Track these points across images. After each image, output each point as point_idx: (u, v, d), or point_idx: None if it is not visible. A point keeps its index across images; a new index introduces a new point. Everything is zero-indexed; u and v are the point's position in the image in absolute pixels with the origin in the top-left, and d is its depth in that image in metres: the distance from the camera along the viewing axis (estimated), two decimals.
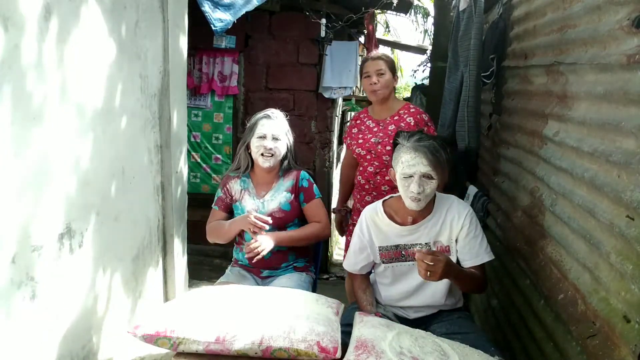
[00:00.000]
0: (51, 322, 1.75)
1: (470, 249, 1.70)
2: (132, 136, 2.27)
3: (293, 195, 2.09)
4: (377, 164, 2.41)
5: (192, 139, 4.66)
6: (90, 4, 1.87)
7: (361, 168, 2.48)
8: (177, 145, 2.66)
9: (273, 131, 2.03)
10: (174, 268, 2.72)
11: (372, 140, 2.40)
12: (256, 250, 1.90)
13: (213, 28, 2.99)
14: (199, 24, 3.17)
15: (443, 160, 1.63)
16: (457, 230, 1.72)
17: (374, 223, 1.79)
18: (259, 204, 2.08)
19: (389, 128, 2.40)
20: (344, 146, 2.70)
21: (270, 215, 2.04)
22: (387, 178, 2.40)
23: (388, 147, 2.34)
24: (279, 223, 2.06)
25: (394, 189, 2.41)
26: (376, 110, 2.49)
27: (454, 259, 1.73)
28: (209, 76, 4.60)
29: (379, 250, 1.79)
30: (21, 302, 1.57)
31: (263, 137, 2.02)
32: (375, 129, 2.44)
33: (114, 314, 2.20)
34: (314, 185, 2.16)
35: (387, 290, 1.84)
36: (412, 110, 2.43)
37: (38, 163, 1.61)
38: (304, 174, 2.14)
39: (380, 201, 1.83)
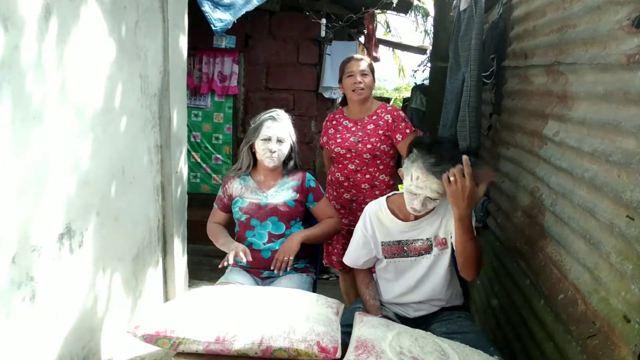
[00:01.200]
0: (51, 322, 1.75)
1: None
2: (132, 136, 2.27)
3: (299, 195, 2.11)
4: (358, 162, 2.44)
5: (192, 139, 4.66)
6: (90, 4, 1.87)
7: (340, 165, 2.51)
8: (177, 145, 2.66)
9: (278, 133, 2.05)
10: (174, 268, 2.72)
11: (352, 139, 2.44)
12: (284, 261, 1.98)
13: (213, 28, 2.99)
14: (199, 24, 3.17)
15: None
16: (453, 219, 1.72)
17: (377, 218, 1.81)
18: (261, 197, 2.09)
19: (368, 127, 2.44)
20: None
21: (272, 208, 2.06)
22: (367, 176, 2.43)
23: (369, 146, 2.40)
24: (284, 217, 2.09)
25: (373, 187, 2.44)
26: (353, 110, 2.52)
27: (449, 252, 1.77)
28: (209, 76, 4.60)
29: (382, 245, 1.81)
30: (21, 302, 1.57)
31: (268, 139, 2.04)
32: (354, 129, 2.47)
33: (114, 314, 2.20)
34: (319, 185, 2.21)
35: (389, 286, 1.85)
36: (388, 108, 2.50)
37: (38, 163, 1.61)
38: (309, 175, 2.18)
39: (384, 197, 1.85)
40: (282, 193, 2.10)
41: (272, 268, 2.01)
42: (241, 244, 2.04)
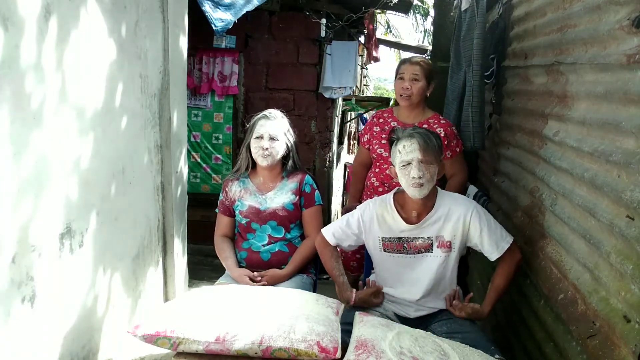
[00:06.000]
0: (51, 322, 1.75)
1: (490, 242, 1.71)
2: (132, 136, 2.27)
3: (297, 197, 2.09)
4: None
5: (192, 139, 4.66)
6: (90, 4, 1.87)
7: (377, 170, 2.41)
8: (177, 145, 2.66)
9: (270, 131, 2.02)
10: (174, 268, 2.72)
11: None
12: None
13: (214, 28, 3.00)
14: (199, 24, 3.17)
15: (437, 146, 1.70)
16: (465, 229, 1.73)
17: (382, 216, 1.81)
18: (261, 200, 2.08)
19: None
20: (344, 146, 2.67)
21: (271, 212, 2.05)
22: None
23: None
24: (283, 222, 2.07)
25: None
26: (403, 113, 2.40)
27: (454, 255, 1.77)
28: (209, 76, 4.61)
29: (382, 240, 1.81)
30: (21, 302, 1.57)
31: (260, 137, 2.02)
32: None
33: (114, 314, 2.20)
34: (316, 191, 2.15)
35: (389, 282, 1.85)
36: (442, 121, 2.36)
37: (38, 163, 1.61)
38: (308, 178, 2.13)
39: (391, 194, 1.84)
40: (281, 196, 2.08)
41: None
42: (243, 272, 2.02)
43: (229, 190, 2.14)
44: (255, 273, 2.01)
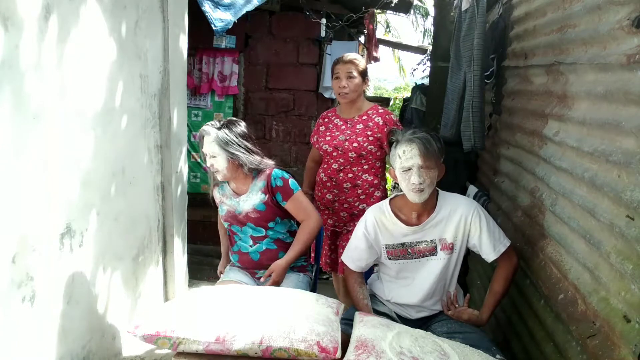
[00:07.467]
0: (51, 321, 1.75)
1: (488, 244, 1.71)
2: (132, 136, 2.27)
3: (267, 195, 2.03)
4: (342, 160, 2.43)
5: (192, 139, 4.65)
6: (90, 4, 1.87)
7: (325, 165, 2.51)
8: (177, 145, 2.66)
9: (206, 150, 1.98)
10: (174, 268, 2.72)
11: (340, 137, 2.44)
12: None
13: (214, 28, 3.00)
14: (199, 24, 3.17)
15: (438, 149, 1.67)
16: (467, 229, 1.73)
17: (381, 222, 1.80)
18: (234, 204, 2.08)
19: (357, 127, 2.44)
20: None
21: (245, 215, 2.05)
22: (349, 175, 2.43)
23: (355, 144, 2.40)
24: (259, 222, 2.05)
25: (355, 187, 2.43)
26: (344, 110, 2.53)
27: (456, 256, 1.76)
28: (209, 76, 4.60)
29: (386, 247, 1.80)
30: (21, 302, 1.57)
31: (205, 156, 2.01)
32: (343, 127, 2.47)
33: (114, 314, 2.20)
34: (290, 180, 2.05)
35: (393, 286, 1.85)
36: (380, 110, 2.48)
37: (38, 163, 1.62)
38: (275, 172, 2.04)
39: (387, 200, 1.83)
40: (251, 198, 2.04)
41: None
42: (221, 265, 2.29)
43: (214, 197, 2.19)
44: (260, 274, 2.06)
